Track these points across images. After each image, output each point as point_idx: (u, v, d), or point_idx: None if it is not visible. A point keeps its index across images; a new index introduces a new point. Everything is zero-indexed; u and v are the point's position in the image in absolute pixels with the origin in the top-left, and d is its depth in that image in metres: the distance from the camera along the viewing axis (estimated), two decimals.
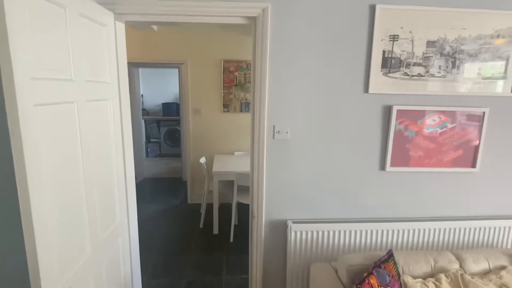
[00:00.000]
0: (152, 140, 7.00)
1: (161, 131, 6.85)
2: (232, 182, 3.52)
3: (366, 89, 1.81)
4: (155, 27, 3.75)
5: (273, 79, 1.74)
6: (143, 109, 7.10)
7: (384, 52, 1.79)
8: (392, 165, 1.89)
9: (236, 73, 4.08)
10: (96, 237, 1.44)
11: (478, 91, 1.87)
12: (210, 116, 4.14)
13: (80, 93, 1.29)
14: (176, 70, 6.42)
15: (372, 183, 1.90)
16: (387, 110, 1.84)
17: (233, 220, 3.31)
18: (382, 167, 1.90)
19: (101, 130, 1.50)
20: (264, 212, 1.88)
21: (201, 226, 3.56)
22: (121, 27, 1.71)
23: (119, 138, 1.70)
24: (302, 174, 1.85)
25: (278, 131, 1.79)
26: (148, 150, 6.89)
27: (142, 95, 7.18)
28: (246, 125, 4.20)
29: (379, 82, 1.81)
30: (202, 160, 3.70)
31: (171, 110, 6.87)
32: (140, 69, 7.09)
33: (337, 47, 1.75)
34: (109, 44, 1.58)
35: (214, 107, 4.13)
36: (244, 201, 3.27)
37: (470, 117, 1.90)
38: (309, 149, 1.83)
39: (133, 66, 4.95)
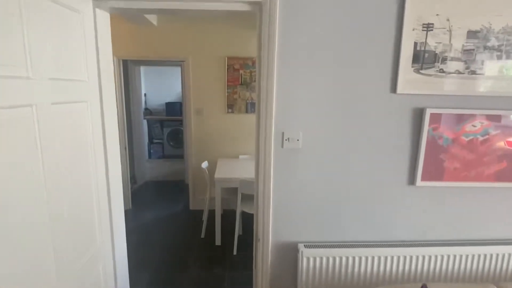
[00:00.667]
0: (155, 141, 6.78)
1: (164, 132, 6.62)
2: (236, 189, 3.26)
3: (393, 88, 1.52)
4: (154, 21, 3.50)
5: (282, 77, 1.46)
6: (146, 109, 6.89)
7: (415, 44, 1.49)
8: (423, 179, 1.59)
9: (241, 71, 3.80)
10: (65, 268, 1.18)
11: None
12: (213, 117, 3.88)
13: (42, 94, 1.03)
14: (180, 68, 6.17)
15: (400, 200, 1.61)
16: (418, 114, 1.55)
17: (237, 230, 3.04)
18: (411, 181, 1.60)
19: (74, 138, 1.24)
20: (271, 234, 1.60)
21: (202, 236, 3.30)
22: (103, 16, 1.45)
23: (100, 146, 1.45)
24: (316, 189, 1.57)
25: (288, 139, 1.51)
26: (151, 151, 6.68)
27: (145, 94, 6.97)
28: (252, 127, 3.93)
29: (409, 80, 1.51)
30: (204, 165, 3.44)
31: (175, 109, 6.64)
32: (144, 68, 6.88)
33: (359, 39, 1.45)
34: (86, 36, 1.32)
35: (217, 108, 3.86)
36: (249, 210, 3.00)
37: None
38: (324, 159, 1.54)
39: (133, 64, 4.72)
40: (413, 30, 1.48)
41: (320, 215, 1.59)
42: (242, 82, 3.83)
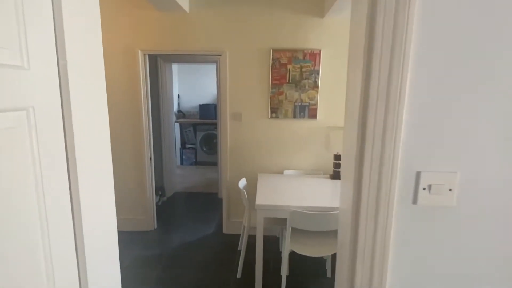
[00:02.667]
0: (188, 146, 6.26)
1: (197, 136, 6.08)
2: (283, 220, 2.51)
3: None
4: (185, 7, 2.87)
5: (425, 75, 0.68)
6: (179, 111, 6.41)
7: None
8: None
9: (289, 67, 3.06)
10: None
11: None
12: (254, 122, 3.17)
13: None
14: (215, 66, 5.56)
15: None
16: None
17: (284, 272, 2.30)
18: None
19: None
20: None
21: (238, 275, 2.59)
22: None
23: (56, 188, 0.77)
24: None
25: (429, 187, 0.73)
26: (183, 157, 6.17)
27: (178, 95, 6.50)
28: (300, 134, 3.16)
29: None
30: (241, 184, 2.74)
31: (210, 112, 6.07)
32: (178, 67, 6.40)
33: None
34: None
35: (258, 112, 3.15)
36: (302, 252, 2.24)
37: None
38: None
39: (164, 60, 4.17)
40: None
41: None
42: (290, 80, 3.08)
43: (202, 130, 6.04)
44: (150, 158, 3.28)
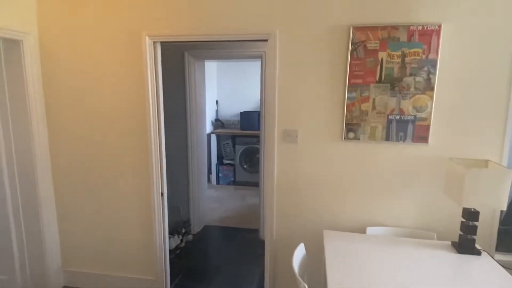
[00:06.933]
0: (226, 162, 5.23)
1: (236, 150, 5.02)
2: None
3: None
4: None
5: None
6: (217, 120, 5.43)
7: None
8: None
9: (381, 55, 1.81)
10: None
11: None
12: (317, 146, 1.96)
13: None
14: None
15: None
16: None
17: None
18: None
19: None
20: None
21: None
22: None
23: None
24: None
25: None
26: (220, 175, 5.15)
27: (217, 101, 5.54)
28: (397, 168, 1.87)
29: None
30: (297, 258, 1.55)
31: (252, 121, 4.99)
32: (216, 66, 5.44)
33: None
34: None
35: (325, 129, 1.94)
36: None
37: None
38: None
39: (193, 57, 3.16)
40: None
41: None
42: (382, 77, 1.82)
43: (243, 143, 4.97)
44: (162, 194, 2.25)
